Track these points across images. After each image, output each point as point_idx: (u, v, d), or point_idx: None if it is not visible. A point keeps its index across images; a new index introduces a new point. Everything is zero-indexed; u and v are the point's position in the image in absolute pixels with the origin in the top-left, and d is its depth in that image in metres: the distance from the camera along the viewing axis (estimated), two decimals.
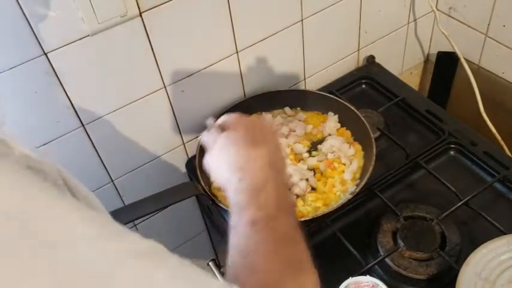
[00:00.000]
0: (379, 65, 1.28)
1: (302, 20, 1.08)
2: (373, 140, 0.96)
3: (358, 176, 0.95)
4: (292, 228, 0.55)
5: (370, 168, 0.91)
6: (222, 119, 0.70)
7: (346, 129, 1.05)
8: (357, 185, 0.92)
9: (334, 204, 0.90)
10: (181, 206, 0.89)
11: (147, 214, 0.82)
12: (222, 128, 0.68)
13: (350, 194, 0.91)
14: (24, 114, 0.84)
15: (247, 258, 0.51)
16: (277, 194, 0.58)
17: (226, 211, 0.93)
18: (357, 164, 0.97)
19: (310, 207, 0.91)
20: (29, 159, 0.37)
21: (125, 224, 0.82)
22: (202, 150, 1.01)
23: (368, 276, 0.78)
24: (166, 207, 0.84)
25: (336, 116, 1.07)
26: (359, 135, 1.02)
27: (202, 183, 0.95)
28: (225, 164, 0.62)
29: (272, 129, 0.73)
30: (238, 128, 0.66)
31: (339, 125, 1.06)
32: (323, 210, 0.89)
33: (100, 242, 0.33)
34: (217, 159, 0.65)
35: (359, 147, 1.01)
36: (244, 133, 0.65)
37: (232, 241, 0.53)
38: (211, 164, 0.66)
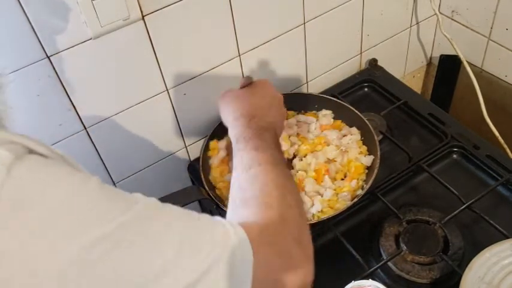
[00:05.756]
0: (381, 68, 1.27)
1: (304, 23, 1.08)
2: (378, 143, 0.96)
3: (363, 177, 0.95)
4: (284, 164, 0.66)
5: (375, 171, 0.91)
6: (250, 79, 0.84)
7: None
8: (362, 188, 0.92)
9: (340, 207, 0.90)
10: None
11: None
12: (246, 85, 0.82)
13: (355, 197, 0.91)
14: (26, 117, 0.84)
15: (250, 170, 0.61)
16: (274, 140, 0.70)
17: None
18: (365, 160, 0.98)
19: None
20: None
21: None
22: (206, 152, 1.01)
23: (370, 280, 0.78)
24: None
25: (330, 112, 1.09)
26: (363, 139, 1.02)
27: (206, 187, 0.95)
28: (240, 107, 0.75)
29: (282, 101, 0.84)
30: (259, 90, 0.80)
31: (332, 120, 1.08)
32: (328, 213, 0.89)
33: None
34: (236, 102, 0.77)
35: (356, 131, 1.03)
36: (262, 95, 0.79)
37: (236, 159, 0.65)
38: (230, 102, 0.78)
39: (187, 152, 1.11)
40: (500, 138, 1.16)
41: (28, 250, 0.36)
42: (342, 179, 0.96)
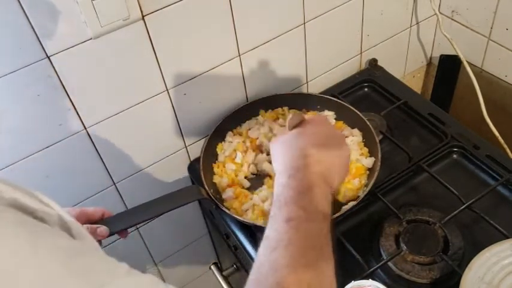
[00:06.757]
0: (381, 68, 1.27)
1: (304, 23, 1.08)
2: (378, 143, 0.96)
3: (364, 179, 0.95)
4: (324, 236, 0.55)
5: (376, 173, 0.91)
6: (300, 117, 0.70)
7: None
8: (364, 189, 0.92)
9: (345, 207, 0.90)
10: (183, 209, 0.89)
11: (151, 218, 0.81)
12: (297, 125, 0.69)
13: (355, 199, 0.91)
14: (26, 117, 0.85)
15: (274, 253, 0.51)
16: (319, 201, 0.58)
17: (229, 215, 0.93)
18: (366, 162, 0.97)
19: None
20: (15, 200, 0.38)
21: (128, 227, 0.82)
22: (207, 152, 1.01)
23: (370, 280, 0.78)
24: (170, 211, 0.84)
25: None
26: (363, 139, 1.02)
27: (206, 187, 0.95)
28: (284, 158, 0.63)
29: (343, 141, 0.70)
30: (310, 130, 0.67)
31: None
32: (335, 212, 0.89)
33: None
34: (281, 150, 0.65)
35: (358, 132, 1.02)
36: (313, 136, 0.66)
37: (268, 225, 0.55)
38: (273, 151, 0.67)
39: (187, 152, 1.11)
40: (500, 138, 1.16)
41: None
42: None
